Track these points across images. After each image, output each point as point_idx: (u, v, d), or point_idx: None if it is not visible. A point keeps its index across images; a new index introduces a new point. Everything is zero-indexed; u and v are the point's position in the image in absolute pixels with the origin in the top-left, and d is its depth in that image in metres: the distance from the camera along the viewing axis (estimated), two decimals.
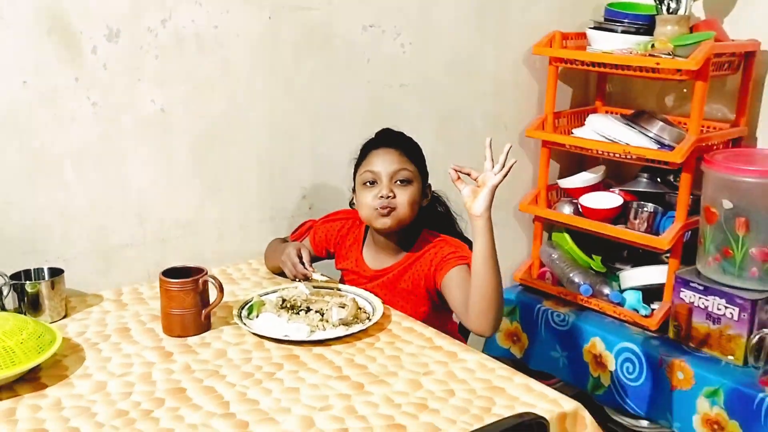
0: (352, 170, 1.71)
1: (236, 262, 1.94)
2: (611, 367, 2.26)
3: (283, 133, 1.98)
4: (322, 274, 1.70)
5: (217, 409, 1.23)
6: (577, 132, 2.46)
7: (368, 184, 1.64)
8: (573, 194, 2.54)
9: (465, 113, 2.38)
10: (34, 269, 1.61)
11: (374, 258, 1.72)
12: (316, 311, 1.55)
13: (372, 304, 1.61)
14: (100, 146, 1.70)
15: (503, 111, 2.48)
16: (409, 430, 1.18)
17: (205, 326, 1.52)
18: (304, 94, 1.99)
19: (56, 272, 1.60)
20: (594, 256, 2.60)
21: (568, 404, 1.27)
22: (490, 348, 2.56)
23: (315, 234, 1.80)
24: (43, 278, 1.60)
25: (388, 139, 1.68)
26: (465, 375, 1.36)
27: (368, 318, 1.55)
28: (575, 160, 2.70)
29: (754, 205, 2.01)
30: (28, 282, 1.55)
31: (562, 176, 2.63)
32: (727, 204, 2.03)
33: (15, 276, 1.57)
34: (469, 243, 1.71)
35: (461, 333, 1.80)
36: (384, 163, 1.63)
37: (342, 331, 1.50)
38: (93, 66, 1.65)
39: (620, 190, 2.45)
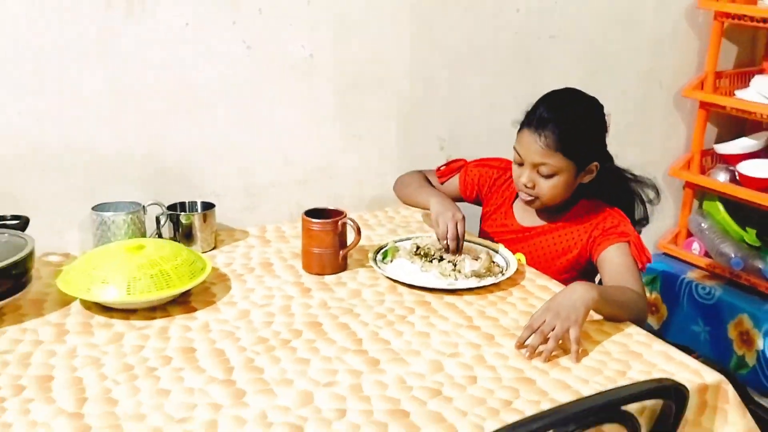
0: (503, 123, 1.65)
1: (373, 209, 1.97)
2: (759, 346, 2.12)
3: (423, 80, 1.97)
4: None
5: (350, 345, 1.27)
6: (740, 94, 2.28)
7: (516, 159, 1.58)
8: (730, 161, 2.37)
9: (617, 68, 2.26)
10: (189, 202, 1.72)
11: (524, 214, 1.67)
12: (449, 261, 1.55)
13: (506, 258, 1.59)
14: (251, 88, 1.77)
15: (659, 68, 2.34)
16: (538, 384, 1.17)
17: (341, 266, 1.57)
18: (445, 41, 1.97)
19: (208, 206, 1.70)
20: (749, 229, 2.43)
21: (711, 376, 1.21)
22: None
23: (467, 175, 1.78)
24: (197, 211, 1.70)
25: (541, 119, 1.51)
26: (600, 337, 1.32)
27: (501, 272, 1.54)
28: (736, 125, 2.52)
29: None
30: (183, 213, 1.66)
31: (719, 142, 2.46)
32: None
33: (171, 207, 1.68)
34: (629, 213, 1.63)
35: None
36: (528, 150, 1.52)
37: (474, 282, 1.49)
38: (249, 9, 1.71)
39: None
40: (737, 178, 2.28)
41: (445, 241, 1.57)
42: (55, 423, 1.04)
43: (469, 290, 1.48)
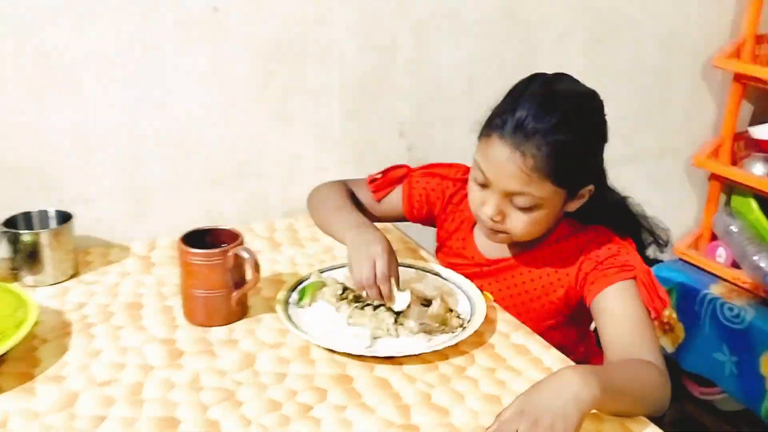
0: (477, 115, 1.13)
1: (307, 214, 1.50)
2: None
3: (378, 45, 1.49)
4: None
5: None
6: None
7: (478, 179, 1.11)
8: None
9: (630, 31, 1.76)
10: (39, 212, 1.25)
11: (488, 242, 1.19)
12: (389, 308, 1.09)
13: (471, 300, 1.13)
14: (130, 52, 1.29)
15: (683, 30, 1.84)
16: None
17: (237, 313, 1.11)
18: None
19: (65, 217, 1.23)
20: None
21: None
22: None
23: (412, 187, 1.30)
24: (47, 225, 1.24)
25: (522, 128, 1.03)
26: None
27: (461, 326, 1.08)
28: None
29: None
30: (25, 232, 1.19)
31: (756, 123, 1.97)
32: None
33: (10, 221, 1.21)
34: (635, 235, 1.18)
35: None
36: (501, 172, 1.05)
37: (421, 342, 1.04)
38: None
39: None
40: None
41: (363, 292, 1.08)
42: None
43: (414, 356, 1.02)
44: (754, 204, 1.94)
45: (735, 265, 1.94)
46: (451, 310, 1.09)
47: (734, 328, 1.83)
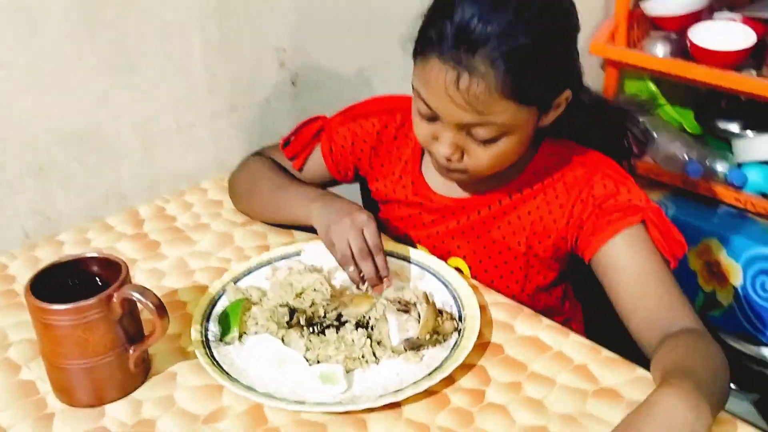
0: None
1: (180, 188, 1.12)
2: (736, 281, 1.60)
3: None
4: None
5: None
6: None
7: (422, 111, 0.82)
8: (667, 25, 1.73)
9: None
10: None
11: (445, 180, 0.93)
12: (358, 324, 0.79)
13: (455, 293, 0.85)
14: None
15: None
16: None
17: (139, 375, 0.75)
18: None
19: None
20: (679, 110, 1.86)
21: None
22: None
23: (331, 140, 0.99)
24: None
25: (466, 37, 0.75)
26: None
27: (456, 329, 0.80)
28: None
29: None
30: None
31: None
32: None
33: None
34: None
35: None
36: (444, 101, 0.78)
37: (416, 366, 0.75)
38: None
39: (745, 16, 1.65)
40: (689, 49, 1.64)
41: (351, 269, 0.82)
42: None
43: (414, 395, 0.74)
44: (652, 87, 1.80)
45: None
46: (441, 312, 0.80)
47: None
